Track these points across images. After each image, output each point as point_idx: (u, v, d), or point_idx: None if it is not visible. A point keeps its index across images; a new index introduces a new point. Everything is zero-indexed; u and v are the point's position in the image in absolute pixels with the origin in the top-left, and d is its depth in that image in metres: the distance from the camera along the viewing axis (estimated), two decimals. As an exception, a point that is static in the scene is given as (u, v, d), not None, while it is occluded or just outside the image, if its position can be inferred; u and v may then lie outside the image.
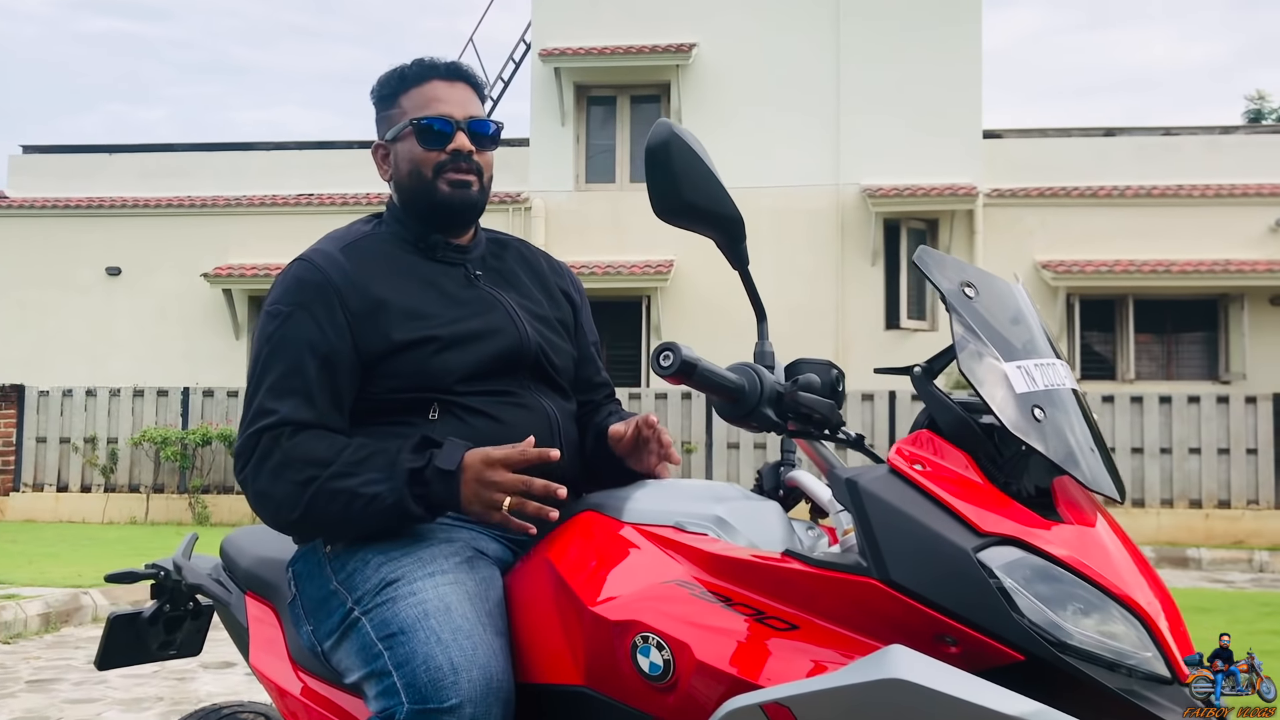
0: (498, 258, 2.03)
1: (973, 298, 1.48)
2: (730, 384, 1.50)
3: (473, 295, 1.92)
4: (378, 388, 1.83)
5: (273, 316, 1.84)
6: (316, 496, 1.74)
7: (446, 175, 1.92)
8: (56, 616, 6.88)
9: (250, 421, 1.80)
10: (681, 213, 1.68)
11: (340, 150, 18.03)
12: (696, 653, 1.43)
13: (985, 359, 1.43)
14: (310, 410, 1.79)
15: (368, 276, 1.85)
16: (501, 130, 1.99)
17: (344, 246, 1.90)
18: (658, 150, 1.67)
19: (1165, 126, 17.26)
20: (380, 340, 1.82)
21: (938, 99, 16.35)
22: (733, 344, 15.33)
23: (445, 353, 1.83)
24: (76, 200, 17.70)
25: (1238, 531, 12.36)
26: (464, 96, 1.96)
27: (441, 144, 1.92)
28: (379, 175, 2.02)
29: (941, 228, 16.51)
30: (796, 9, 16.77)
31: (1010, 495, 1.42)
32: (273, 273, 16.75)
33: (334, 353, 1.80)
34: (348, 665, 1.76)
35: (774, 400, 1.51)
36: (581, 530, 1.70)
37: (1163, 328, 16.60)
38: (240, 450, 1.81)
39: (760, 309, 1.72)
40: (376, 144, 2.02)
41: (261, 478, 1.77)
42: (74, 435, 13.90)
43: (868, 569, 1.37)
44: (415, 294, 1.87)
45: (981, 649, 1.32)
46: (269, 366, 1.81)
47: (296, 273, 1.86)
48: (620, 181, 17.16)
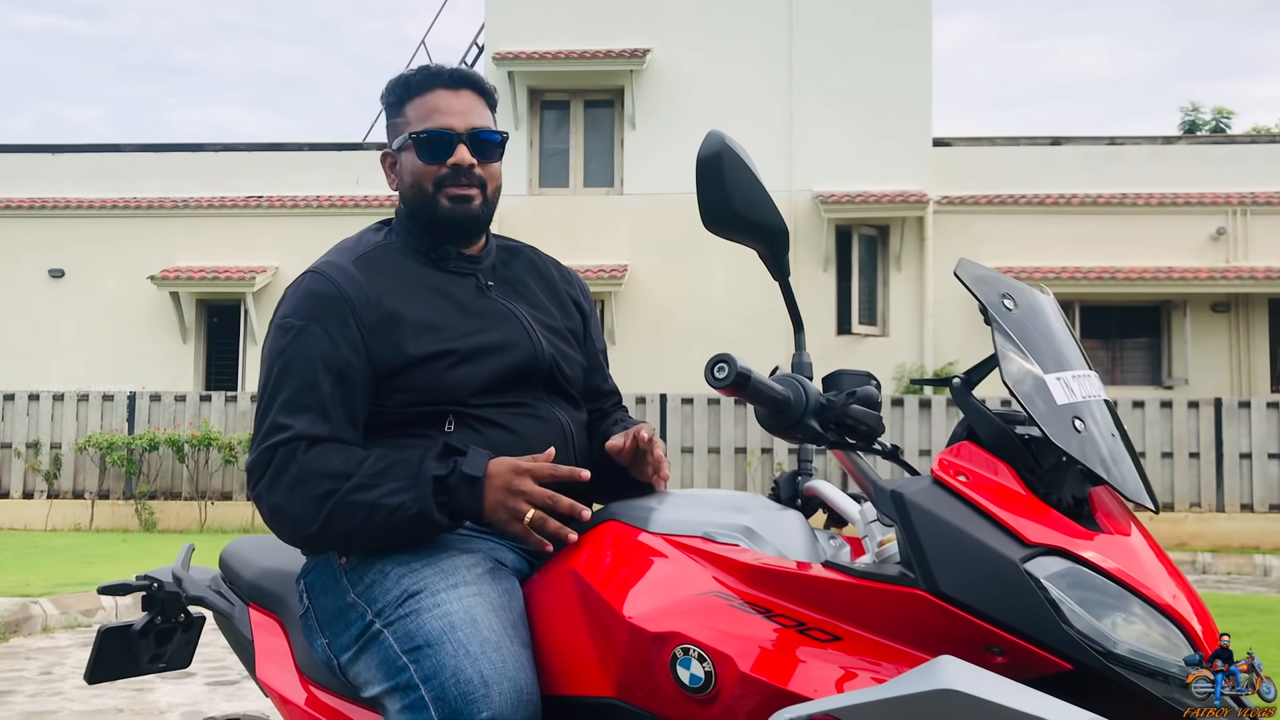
0: (508, 266, 2.01)
1: (1011, 309, 1.49)
2: (778, 395, 1.50)
3: (486, 307, 1.91)
4: (392, 401, 1.81)
5: (285, 330, 1.81)
6: (336, 510, 1.71)
7: (447, 190, 1.88)
8: (6, 627, 6.72)
9: (264, 437, 1.77)
10: (730, 224, 1.67)
11: (288, 152, 17.82)
12: (740, 664, 1.43)
13: (1027, 371, 1.45)
14: (325, 425, 1.76)
15: (381, 289, 1.82)
16: (506, 138, 1.96)
17: (356, 258, 1.87)
18: (710, 161, 1.66)
19: (1110, 136, 17.58)
20: (395, 354, 1.79)
21: (889, 106, 16.52)
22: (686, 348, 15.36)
23: (461, 366, 1.81)
24: (18, 201, 17.32)
25: (1180, 534, 12.60)
26: (468, 105, 1.92)
27: (442, 157, 1.88)
28: (387, 184, 1.98)
29: (892, 234, 16.69)
30: (750, 16, 16.86)
31: (1050, 505, 1.43)
32: (221, 275, 16.53)
33: (348, 367, 1.78)
34: (367, 678, 1.73)
35: (818, 411, 1.52)
36: (607, 540, 1.68)
37: (1108, 333, 16.89)
38: (253, 466, 1.77)
39: (798, 320, 1.72)
40: (385, 153, 1.98)
41: (277, 493, 1.74)
42: (16, 440, 13.59)
43: (914, 580, 1.37)
44: (429, 306, 1.85)
45: (1029, 659, 1.33)
46: (282, 382, 1.78)
47: (309, 286, 1.83)
48: (574, 186, 17.13)
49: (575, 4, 17.00)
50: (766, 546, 1.59)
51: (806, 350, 1.68)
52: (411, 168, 1.91)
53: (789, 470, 1.85)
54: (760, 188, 1.66)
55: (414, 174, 1.90)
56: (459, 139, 1.89)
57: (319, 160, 17.41)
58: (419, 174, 1.90)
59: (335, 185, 17.14)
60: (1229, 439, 12.93)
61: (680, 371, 15.27)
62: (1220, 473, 12.95)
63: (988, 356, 1.48)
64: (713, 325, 16.01)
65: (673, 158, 16.24)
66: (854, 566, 1.45)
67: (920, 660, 1.35)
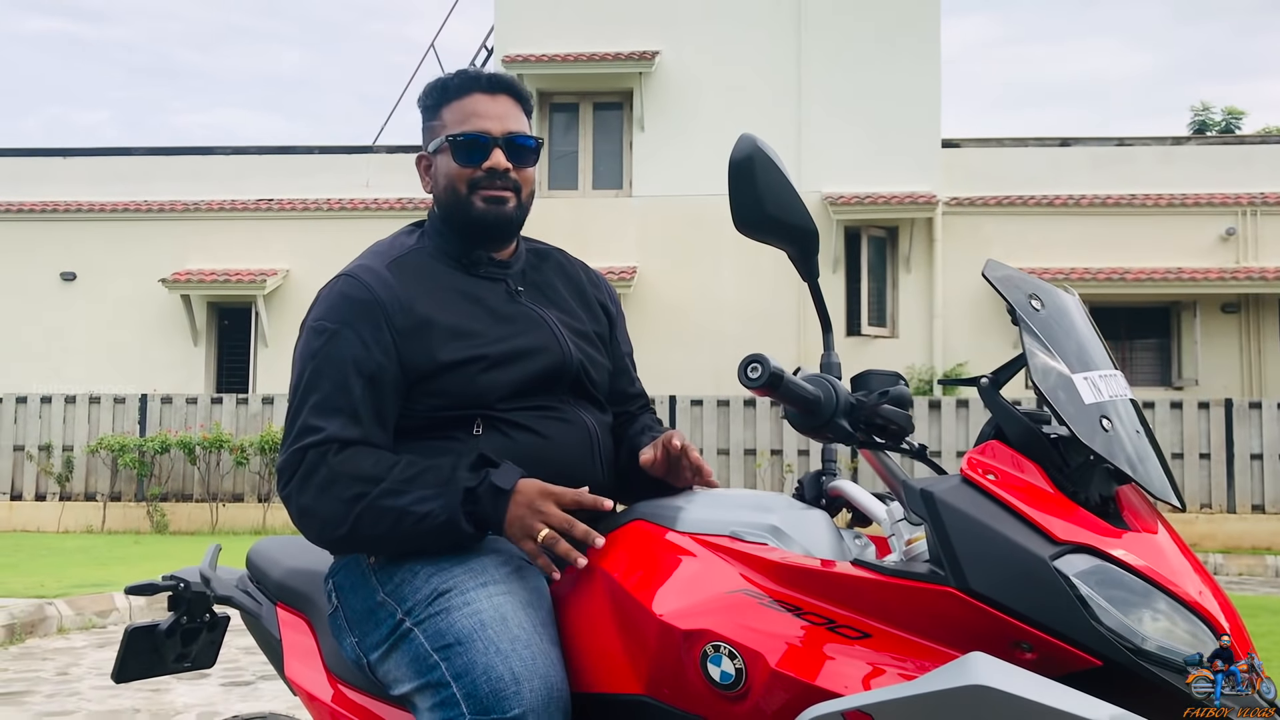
0: (537, 270, 2.03)
1: (1039, 310, 1.51)
2: (809, 395, 1.51)
3: (516, 312, 1.92)
4: (422, 405, 1.83)
5: (318, 333, 1.83)
6: (365, 513, 1.73)
7: (481, 192, 1.90)
8: (21, 628, 6.76)
9: (295, 439, 1.79)
10: (762, 226, 1.69)
11: (299, 155, 17.87)
12: (770, 661, 1.44)
13: (1055, 370, 1.46)
14: (356, 428, 1.78)
15: (413, 294, 1.84)
16: (541, 144, 1.98)
17: (390, 262, 1.88)
18: (742, 164, 1.68)
19: (1119, 137, 17.56)
20: (426, 359, 1.81)
21: (898, 108, 16.52)
22: (695, 350, 15.33)
23: (491, 371, 1.83)
24: (30, 204, 17.40)
25: (1191, 535, 12.59)
26: (505, 110, 1.94)
27: (478, 161, 1.90)
28: (422, 187, 2.00)
29: (901, 236, 16.68)
30: (758, 18, 16.88)
31: (1078, 504, 1.44)
32: (232, 278, 16.58)
33: (380, 371, 1.80)
34: (397, 676, 1.75)
35: (848, 411, 1.53)
36: (636, 539, 1.70)
37: (1117, 335, 16.87)
38: (283, 466, 1.79)
39: (827, 321, 1.73)
40: (420, 155, 2.00)
41: (306, 494, 1.76)
42: (28, 443, 13.65)
43: (944, 577, 1.39)
44: (460, 311, 1.86)
45: (1058, 655, 1.34)
46: (314, 385, 1.80)
47: (343, 289, 1.85)
48: (583, 188, 17.15)
49: (584, 6, 17.02)
50: (794, 545, 1.60)
51: (835, 350, 1.70)
52: (447, 170, 1.92)
53: (812, 470, 1.86)
54: (791, 190, 1.68)
55: (449, 176, 1.92)
56: (495, 143, 1.91)
57: (329, 163, 17.46)
58: (454, 176, 1.91)
59: (346, 188, 17.19)
60: (1240, 440, 12.92)
61: (689, 373, 15.29)
62: (1231, 473, 12.94)
63: (1015, 356, 1.50)
64: (722, 327, 16.02)
65: (681, 160, 16.28)
66: (883, 564, 1.46)
67: (950, 657, 1.36)
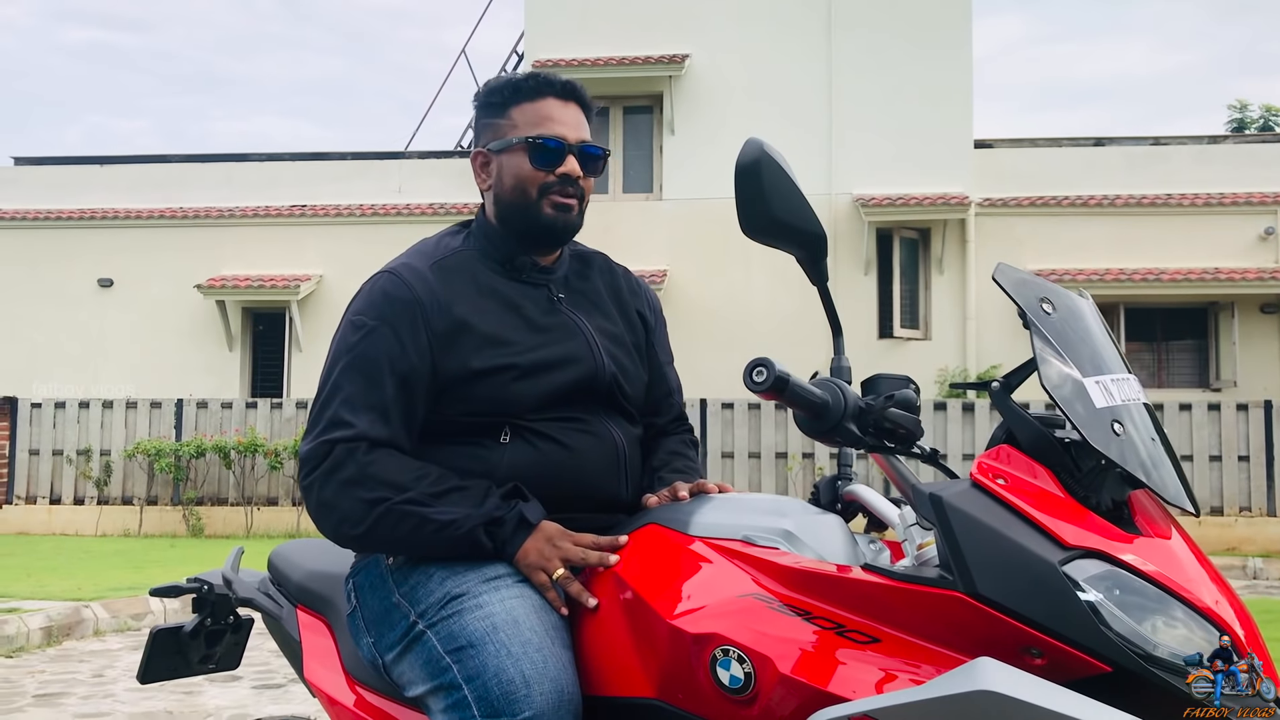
0: (581, 277, 2.02)
1: (1050, 313, 1.50)
2: (816, 399, 1.51)
3: (554, 321, 1.92)
4: (452, 410, 1.83)
5: (357, 328, 1.83)
6: (386, 515, 1.74)
7: (551, 197, 1.90)
8: (58, 630, 6.85)
9: (322, 430, 1.79)
10: (769, 230, 1.69)
11: (332, 161, 18.02)
12: (779, 665, 1.44)
13: (1066, 374, 1.45)
14: (385, 428, 1.78)
15: (453, 297, 1.84)
16: (609, 155, 1.99)
17: (433, 263, 1.89)
18: (748, 169, 1.68)
19: (1154, 136, 17.39)
20: (459, 365, 1.81)
21: (929, 109, 16.44)
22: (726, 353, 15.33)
23: (522, 381, 1.83)
24: (68, 212, 17.64)
25: (1231, 538, 12.43)
26: (577, 119, 1.94)
27: (552, 165, 1.90)
28: (476, 183, 1.98)
29: (934, 237, 16.59)
30: (788, 20, 16.84)
31: (1089, 509, 1.43)
32: (266, 284, 16.72)
33: (413, 372, 1.80)
34: (411, 678, 1.76)
35: (856, 415, 1.53)
36: (649, 544, 1.70)
37: (1153, 336, 16.70)
38: (307, 457, 1.79)
39: (837, 324, 1.73)
40: (477, 151, 1.98)
41: (329, 488, 1.77)
42: (67, 447, 13.83)
43: (953, 582, 1.38)
44: (497, 318, 1.86)
45: (1067, 661, 1.33)
46: (348, 377, 1.81)
47: (385, 286, 1.85)
48: (613, 192, 17.18)
49: (614, 11, 17.06)
50: (806, 550, 1.60)
51: (845, 354, 1.70)
52: (517, 171, 1.91)
53: (829, 474, 1.86)
54: (798, 194, 1.68)
55: (519, 178, 1.91)
56: (570, 149, 1.91)
57: (363, 169, 17.58)
58: (525, 178, 1.90)
59: (379, 194, 17.30)
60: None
61: (720, 377, 15.23)
62: (1271, 476, 12.75)
63: (1027, 360, 1.49)
64: (752, 330, 15.99)
65: (712, 163, 16.25)
66: (893, 569, 1.46)
67: (959, 662, 1.36)
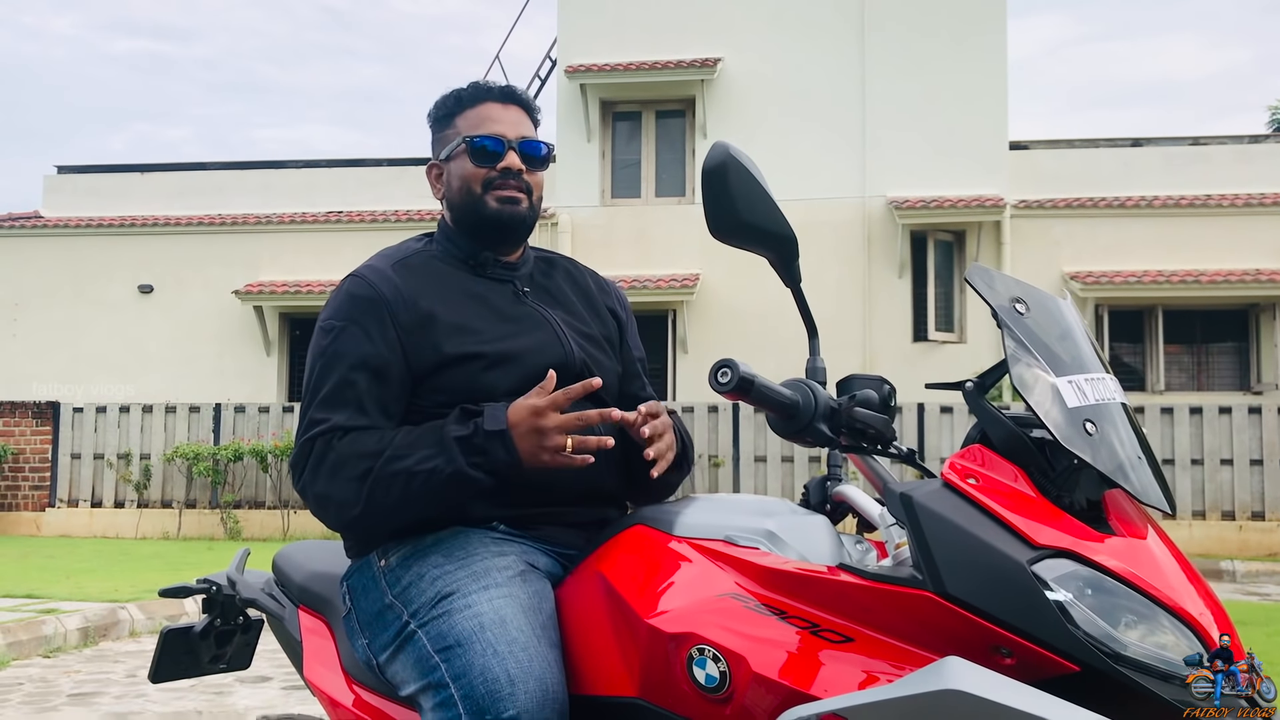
0: (546, 275, 2.08)
1: (1023, 314, 1.50)
2: (785, 400, 1.52)
3: (521, 312, 1.97)
4: (427, 401, 1.88)
5: (326, 332, 1.90)
6: (375, 485, 1.77)
7: (495, 191, 1.97)
8: (95, 631, 6.96)
9: (304, 431, 1.86)
10: (737, 232, 1.71)
11: (369, 167, 18.18)
12: (753, 665, 1.45)
13: (1037, 374, 1.45)
14: (362, 418, 1.84)
15: (417, 291, 1.90)
16: (552, 151, 2.04)
17: (395, 263, 1.96)
18: (715, 172, 1.70)
19: (1193, 136, 17.18)
20: (430, 353, 1.86)
21: (963, 111, 16.33)
22: (758, 356, 15.36)
23: (492, 370, 1.88)
24: (110, 219, 17.91)
25: (1272, 543, 12.25)
26: (517, 118, 2.02)
27: (493, 161, 1.98)
28: (432, 194, 2.07)
29: (969, 239, 16.48)
30: (821, 23, 16.80)
31: (1062, 508, 1.43)
32: (303, 290, 16.89)
33: (385, 365, 1.86)
34: (404, 678, 1.79)
35: (828, 416, 1.54)
36: (633, 544, 1.72)
37: (1193, 338, 16.48)
38: (296, 459, 1.86)
39: (812, 326, 1.74)
40: (431, 163, 2.07)
41: (320, 480, 1.82)
42: (108, 451, 14.02)
43: (923, 582, 1.39)
44: (464, 309, 1.92)
45: (1036, 660, 1.33)
46: (323, 379, 1.87)
47: (349, 289, 1.92)
48: (646, 196, 17.21)
49: (646, 15, 17.08)
50: (789, 550, 1.61)
51: (821, 355, 1.71)
52: (462, 171, 1.99)
53: (819, 475, 1.86)
54: (767, 196, 1.70)
55: (464, 177, 1.99)
56: (510, 146, 1.98)
57: (400, 175, 17.70)
58: (469, 177, 1.98)
59: (416, 200, 17.40)
60: (1322, 446, 12.54)
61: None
62: (1313, 480, 12.55)
63: (1001, 360, 1.49)
64: (785, 333, 15.87)
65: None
66: (866, 569, 1.47)
67: (930, 661, 1.36)
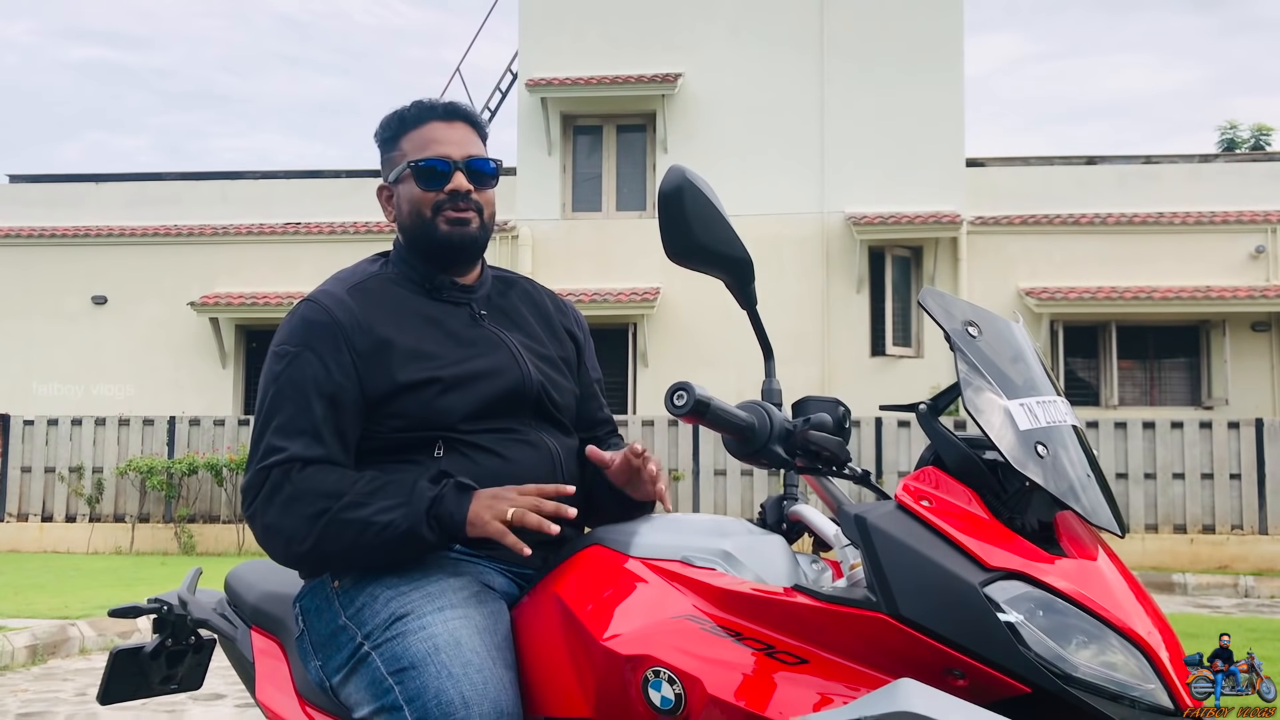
0: (503, 296, 2.06)
1: (976, 337, 1.52)
2: (741, 422, 1.53)
3: (477, 335, 1.96)
4: (383, 426, 1.86)
5: (280, 357, 1.87)
6: (328, 528, 1.76)
7: (445, 214, 1.95)
8: (44, 648, 6.83)
9: (259, 459, 1.83)
10: (693, 255, 1.72)
11: (327, 179, 18.07)
12: (708, 687, 1.45)
13: (989, 397, 1.47)
14: (319, 447, 1.81)
15: (373, 317, 1.88)
16: (500, 167, 2.03)
17: (350, 288, 1.93)
18: (671, 195, 1.71)
19: (1145, 155, 17.46)
20: (385, 381, 1.85)
21: (921, 128, 16.50)
22: (718, 369, 15.28)
23: (449, 393, 1.86)
24: (63, 229, 17.67)
25: (1222, 556, 12.43)
26: (462, 136, 1.99)
27: (440, 184, 1.95)
28: (384, 217, 2.05)
29: (926, 255, 16.63)
30: (781, 39, 16.92)
31: (1014, 530, 1.45)
32: (260, 301, 16.74)
33: (340, 392, 1.83)
34: (357, 700, 1.77)
35: (783, 438, 1.55)
36: (589, 564, 1.72)
37: (1145, 354, 16.72)
38: (248, 486, 1.83)
39: (768, 348, 1.75)
40: (381, 186, 2.05)
41: (271, 511, 1.79)
42: (59, 464, 13.82)
43: (876, 604, 1.39)
44: (420, 334, 1.90)
45: (988, 682, 1.34)
46: (277, 406, 1.84)
47: (304, 314, 1.89)
48: (607, 210, 17.23)
49: (607, 30, 17.13)
50: (745, 571, 1.61)
51: (776, 378, 1.71)
52: (410, 196, 1.97)
53: (775, 495, 1.87)
54: (722, 219, 1.71)
55: (412, 201, 1.97)
56: (456, 166, 1.96)
57: (358, 187, 17.60)
58: (417, 201, 1.96)
59: (374, 211, 17.28)
60: (1271, 459, 12.72)
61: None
62: (1263, 494, 12.74)
63: (954, 383, 1.50)
64: (746, 347, 15.91)
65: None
66: (820, 590, 1.47)
67: (884, 683, 1.37)
